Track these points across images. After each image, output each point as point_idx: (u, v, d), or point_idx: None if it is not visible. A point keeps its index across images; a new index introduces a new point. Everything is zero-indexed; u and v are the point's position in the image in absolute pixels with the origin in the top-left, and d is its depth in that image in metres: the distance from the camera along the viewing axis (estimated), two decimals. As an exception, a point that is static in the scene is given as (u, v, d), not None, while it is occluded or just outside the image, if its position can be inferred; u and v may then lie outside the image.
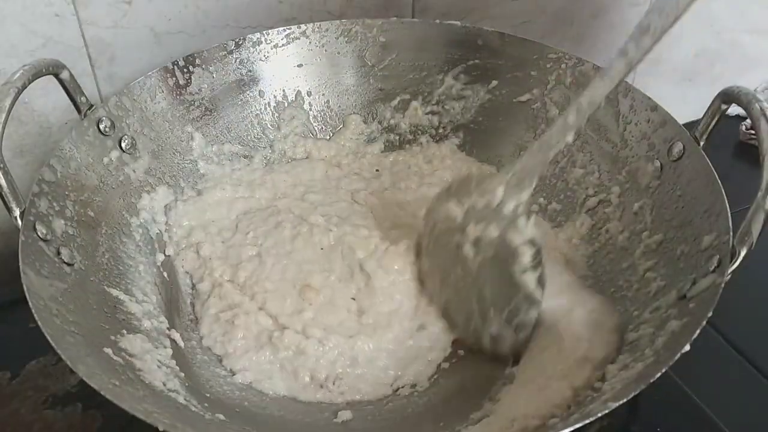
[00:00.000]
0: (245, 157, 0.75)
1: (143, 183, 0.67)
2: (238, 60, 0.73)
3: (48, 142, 0.72)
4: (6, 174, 0.53)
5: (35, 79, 0.56)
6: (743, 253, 0.51)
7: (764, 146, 0.52)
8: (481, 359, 0.61)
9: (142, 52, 0.73)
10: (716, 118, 0.60)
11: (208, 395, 0.57)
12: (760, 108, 0.54)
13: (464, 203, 0.60)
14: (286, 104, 0.77)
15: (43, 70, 0.58)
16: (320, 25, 0.75)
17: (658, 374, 0.46)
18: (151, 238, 0.67)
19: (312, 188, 0.74)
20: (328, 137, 0.78)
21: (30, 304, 0.49)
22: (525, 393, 0.55)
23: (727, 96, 0.58)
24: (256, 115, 0.76)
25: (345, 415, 0.57)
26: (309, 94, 0.77)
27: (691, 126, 0.62)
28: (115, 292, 0.59)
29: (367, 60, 0.77)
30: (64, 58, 0.62)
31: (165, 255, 0.67)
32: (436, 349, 0.62)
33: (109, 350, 0.53)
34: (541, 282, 0.57)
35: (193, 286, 0.67)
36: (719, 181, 0.56)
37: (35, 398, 0.60)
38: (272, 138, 0.77)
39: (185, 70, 0.70)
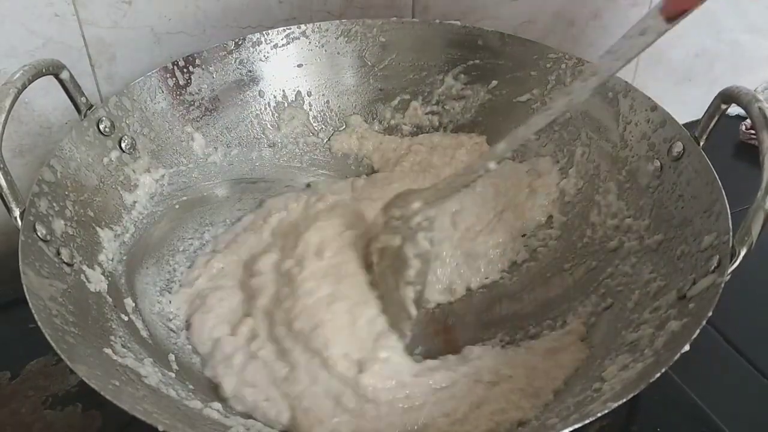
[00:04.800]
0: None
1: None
2: (238, 60, 0.73)
3: (48, 142, 0.72)
4: (6, 174, 0.53)
5: (35, 80, 0.56)
6: (743, 253, 0.51)
7: (764, 146, 0.52)
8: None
9: (142, 52, 0.73)
10: (716, 118, 0.60)
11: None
12: (760, 108, 0.54)
13: (387, 214, 0.62)
14: (286, 104, 0.77)
15: (43, 71, 0.58)
16: (320, 25, 0.75)
17: (658, 374, 0.46)
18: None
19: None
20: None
21: (30, 304, 0.49)
22: None
23: (727, 96, 0.58)
24: (256, 115, 0.76)
25: None
26: (309, 94, 0.77)
27: (691, 126, 0.62)
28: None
29: (367, 60, 0.77)
30: (64, 58, 0.62)
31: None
32: None
33: (108, 350, 0.53)
34: (417, 300, 0.59)
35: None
36: (719, 181, 0.56)
37: (35, 398, 0.60)
38: (272, 138, 0.77)
39: (185, 70, 0.70)
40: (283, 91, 0.76)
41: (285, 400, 0.56)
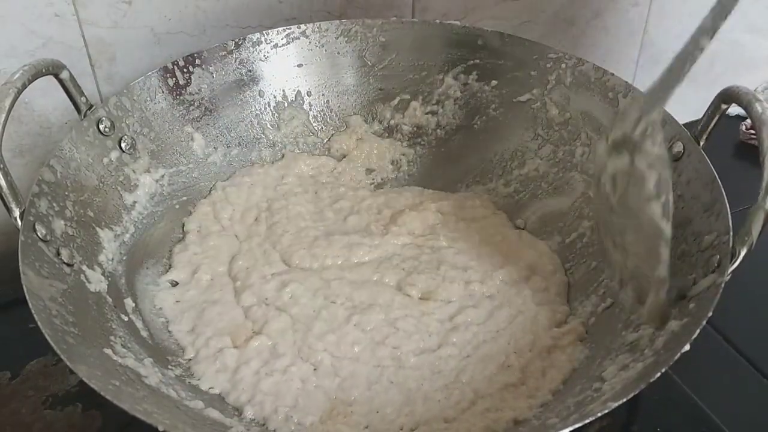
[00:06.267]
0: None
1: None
2: (238, 60, 0.73)
3: (48, 142, 0.72)
4: (6, 174, 0.53)
5: (35, 79, 0.56)
6: (743, 253, 0.51)
7: (764, 146, 0.52)
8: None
9: (142, 52, 0.73)
10: (716, 118, 0.60)
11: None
12: (760, 108, 0.54)
13: (608, 139, 0.56)
14: (286, 104, 0.77)
15: (43, 70, 0.58)
16: (320, 25, 0.75)
17: (658, 374, 0.46)
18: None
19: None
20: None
21: (30, 304, 0.49)
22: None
23: (727, 96, 0.58)
24: (256, 115, 0.76)
25: None
26: (309, 94, 0.77)
27: (691, 126, 0.61)
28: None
29: (367, 60, 0.77)
30: (64, 58, 0.62)
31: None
32: None
33: (109, 351, 0.53)
34: (665, 212, 0.51)
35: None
36: (719, 181, 0.56)
37: (35, 398, 0.60)
38: (272, 138, 0.77)
39: (185, 70, 0.70)
40: (283, 91, 0.76)
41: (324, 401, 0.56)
